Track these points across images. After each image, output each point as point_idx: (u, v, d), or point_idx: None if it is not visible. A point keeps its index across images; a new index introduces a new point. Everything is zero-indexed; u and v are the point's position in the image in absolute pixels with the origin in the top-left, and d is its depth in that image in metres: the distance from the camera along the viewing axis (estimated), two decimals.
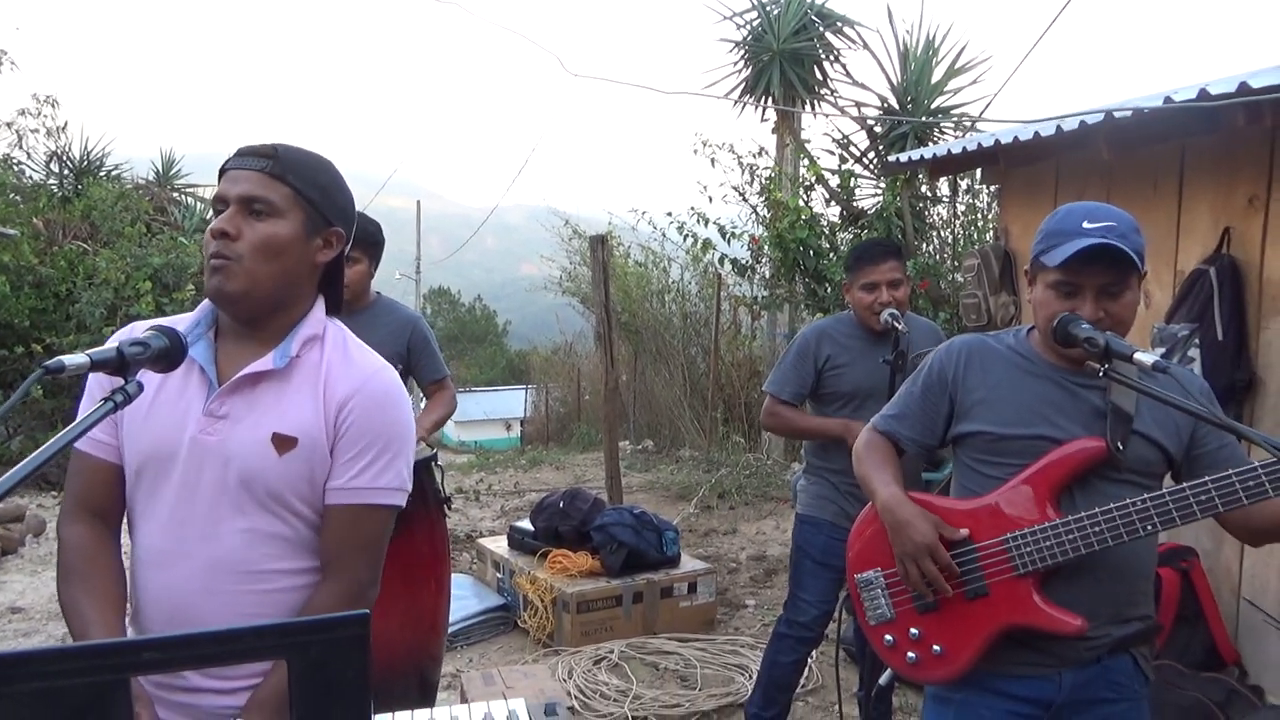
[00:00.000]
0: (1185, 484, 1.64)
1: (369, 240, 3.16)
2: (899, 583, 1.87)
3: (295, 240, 1.46)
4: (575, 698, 3.78)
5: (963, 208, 8.18)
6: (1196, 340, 3.44)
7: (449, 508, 3.09)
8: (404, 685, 2.94)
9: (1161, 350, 3.49)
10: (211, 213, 1.49)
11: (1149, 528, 1.64)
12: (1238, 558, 3.46)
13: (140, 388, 1.23)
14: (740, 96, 9.27)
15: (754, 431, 10.11)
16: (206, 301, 1.52)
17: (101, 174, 13.13)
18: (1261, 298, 3.37)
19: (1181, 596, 3.34)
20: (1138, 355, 1.56)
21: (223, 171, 1.48)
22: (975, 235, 7.77)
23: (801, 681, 3.82)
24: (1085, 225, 1.69)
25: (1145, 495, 1.65)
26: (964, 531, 1.78)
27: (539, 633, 4.54)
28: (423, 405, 3.48)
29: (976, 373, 1.85)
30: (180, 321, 1.48)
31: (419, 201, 29.39)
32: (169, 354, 1.30)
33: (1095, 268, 1.67)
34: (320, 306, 1.56)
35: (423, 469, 2.92)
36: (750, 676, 3.92)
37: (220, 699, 1.48)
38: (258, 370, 1.46)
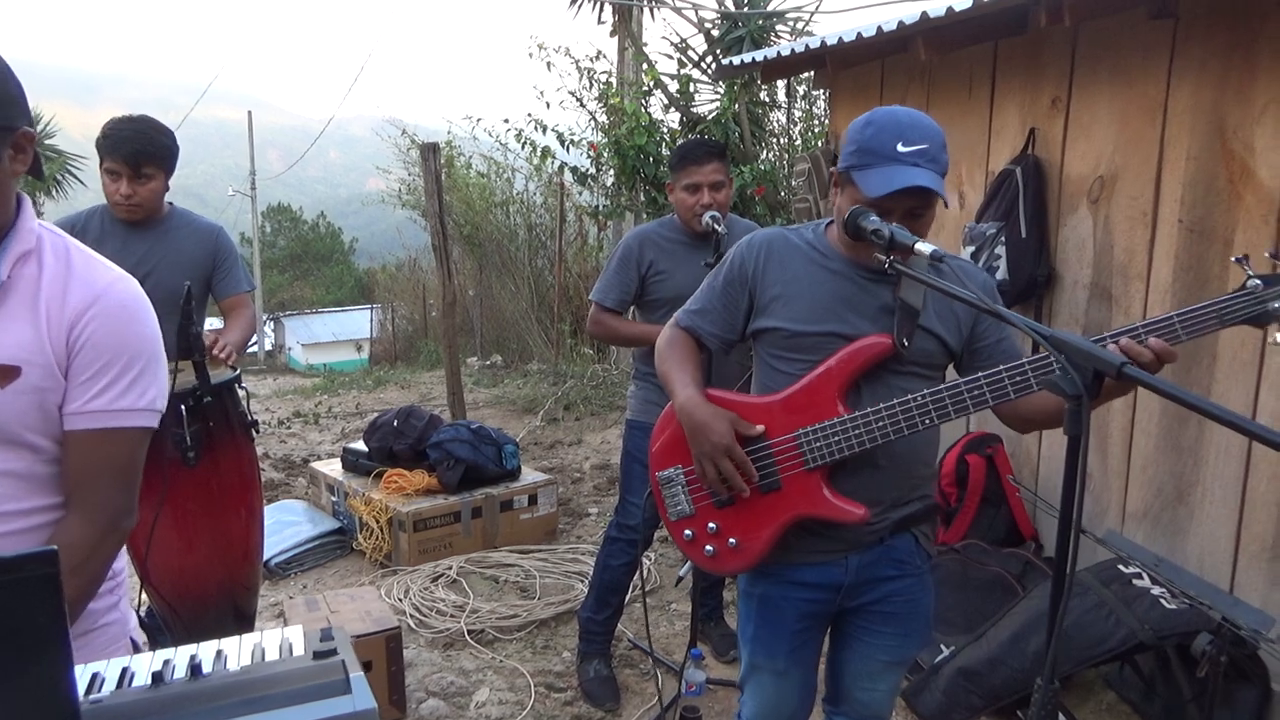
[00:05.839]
0: (961, 380, 1.70)
1: (163, 154, 2.93)
2: (698, 480, 1.88)
3: None
4: (411, 615, 3.72)
5: (800, 114, 8.24)
6: (1003, 239, 3.58)
7: (256, 432, 2.92)
8: (218, 617, 2.81)
9: (971, 249, 3.62)
10: None
11: (927, 421, 1.70)
12: (1036, 443, 3.69)
13: None
14: None
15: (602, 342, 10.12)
16: None
17: None
18: (1061, 196, 3.52)
19: (986, 480, 3.55)
20: (918, 246, 1.57)
21: None
22: (812, 141, 7.85)
23: (640, 583, 3.89)
24: (900, 149, 1.66)
25: (925, 391, 1.70)
26: (760, 428, 1.80)
27: (376, 554, 4.44)
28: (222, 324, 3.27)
29: (775, 268, 1.84)
30: None
31: (250, 112, 27.53)
32: None
33: (906, 197, 1.67)
34: (27, 215, 1.35)
35: (226, 392, 2.75)
36: None
37: None
38: None
